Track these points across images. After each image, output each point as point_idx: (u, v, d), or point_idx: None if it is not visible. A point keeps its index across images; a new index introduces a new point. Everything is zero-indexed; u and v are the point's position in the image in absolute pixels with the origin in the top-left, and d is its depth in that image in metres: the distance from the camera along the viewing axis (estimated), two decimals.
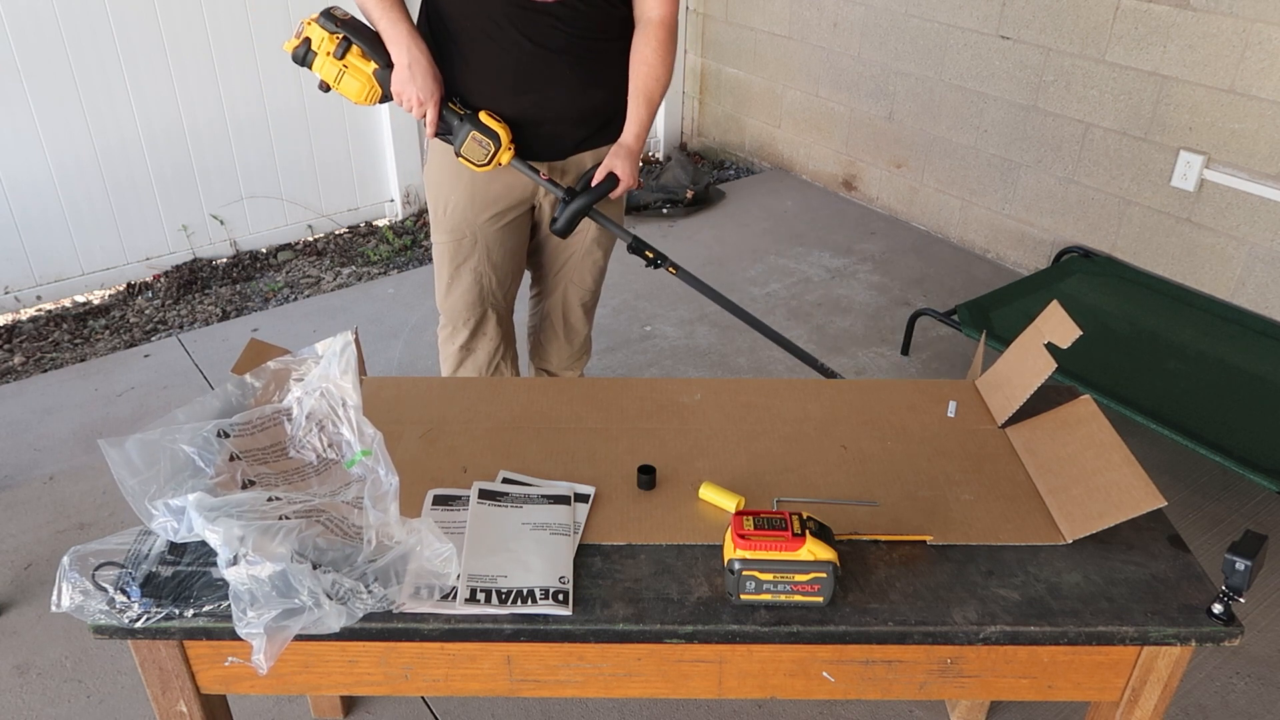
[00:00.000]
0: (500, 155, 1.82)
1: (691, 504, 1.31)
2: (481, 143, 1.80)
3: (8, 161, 3.13)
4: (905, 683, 1.21)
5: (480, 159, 1.81)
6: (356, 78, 1.80)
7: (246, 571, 1.04)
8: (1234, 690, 1.98)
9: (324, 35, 1.77)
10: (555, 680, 1.20)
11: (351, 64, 1.79)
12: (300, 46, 1.79)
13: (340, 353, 1.25)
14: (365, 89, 1.81)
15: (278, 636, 1.04)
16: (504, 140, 1.81)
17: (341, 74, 1.79)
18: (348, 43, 1.77)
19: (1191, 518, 2.40)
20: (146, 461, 1.16)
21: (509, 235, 2.07)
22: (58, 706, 1.93)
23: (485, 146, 1.80)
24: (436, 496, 1.30)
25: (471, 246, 2.04)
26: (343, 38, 1.76)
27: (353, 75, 1.79)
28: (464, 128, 1.80)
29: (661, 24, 1.88)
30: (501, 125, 1.81)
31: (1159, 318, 2.92)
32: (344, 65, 1.78)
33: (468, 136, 1.80)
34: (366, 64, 1.79)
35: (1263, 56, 2.78)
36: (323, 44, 1.77)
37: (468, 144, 1.80)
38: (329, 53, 1.77)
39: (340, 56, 1.77)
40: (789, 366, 3.05)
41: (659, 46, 1.88)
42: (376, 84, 1.80)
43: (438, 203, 2.04)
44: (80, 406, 2.83)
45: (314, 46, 1.78)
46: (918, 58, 3.73)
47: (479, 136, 1.80)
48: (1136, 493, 1.22)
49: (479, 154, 1.81)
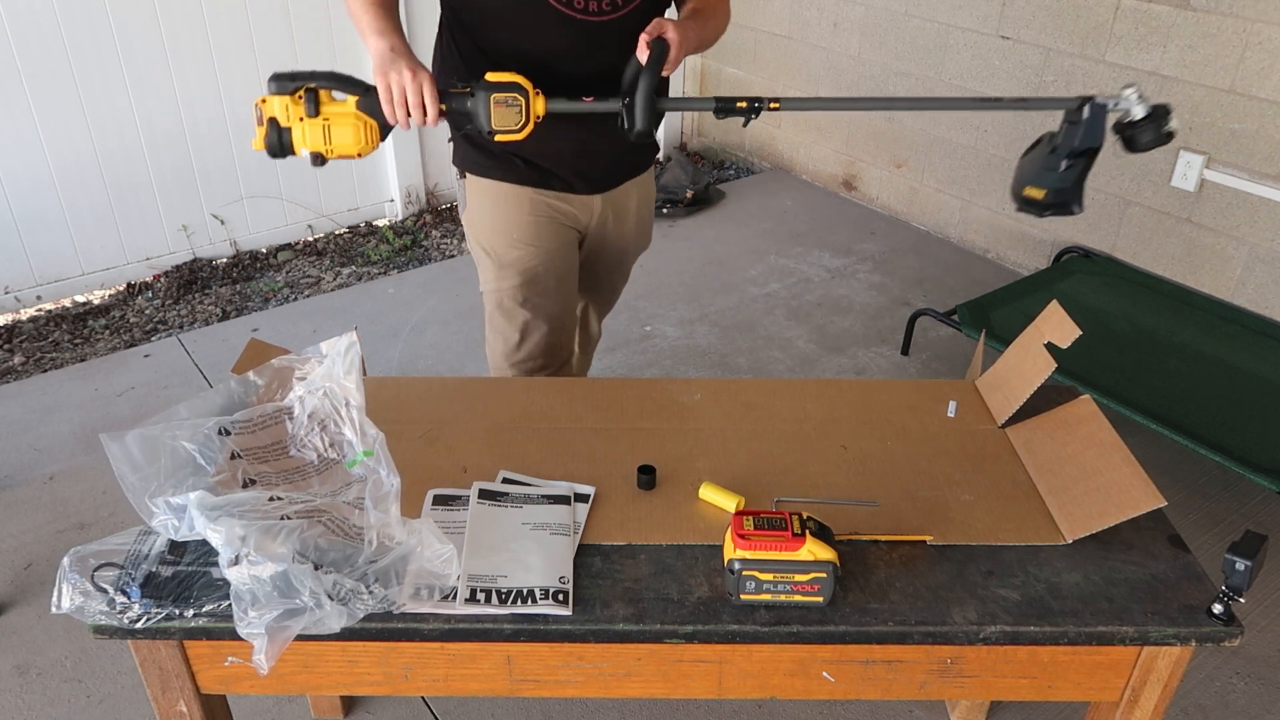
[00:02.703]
0: (534, 106, 1.50)
1: (691, 504, 1.31)
2: (508, 101, 1.48)
3: (8, 161, 3.13)
4: (905, 683, 1.21)
5: (515, 122, 1.50)
6: (343, 124, 1.49)
7: (248, 571, 1.04)
8: (1234, 690, 1.98)
9: (285, 101, 1.46)
10: (555, 680, 1.20)
11: (330, 113, 1.48)
12: (270, 133, 1.47)
13: (344, 353, 1.25)
14: (359, 130, 1.50)
15: (279, 637, 1.04)
16: (528, 87, 1.49)
17: (327, 130, 1.48)
18: (313, 94, 1.46)
19: (1191, 518, 2.40)
20: (147, 457, 1.16)
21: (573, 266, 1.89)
22: (58, 706, 1.93)
23: (514, 104, 1.49)
24: (436, 496, 1.30)
25: (548, 287, 1.83)
26: (305, 90, 1.45)
27: (339, 124, 1.49)
28: (479, 97, 1.49)
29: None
30: (516, 75, 1.50)
31: (1159, 318, 2.92)
32: (324, 120, 1.47)
33: (488, 104, 1.49)
34: (345, 104, 1.49)
35: (1263, 56, 2.78)
36: (289, 111, 1.46)
37: (495, 113, 1.49)
38: (301, 117, 1.46)
39: (314, 113, 1.46)
40: (789, 366, 3.05)
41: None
42: (367, 116, 1.49)
43: (497, 241, 1.81)
44: (80, 406, 2.83)
45: (284, 121, 1.47)
46: (918, 58, 3.73)
47: (501, 97, 1.48)
48: (1136, 493, 1.22)
49: (512, 117, 1.49)
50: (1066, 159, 1.50)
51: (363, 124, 1.49)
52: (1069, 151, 1.50)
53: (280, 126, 1.47)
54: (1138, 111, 1.48)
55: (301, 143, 1.48)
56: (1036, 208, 1.55)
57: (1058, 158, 1.51)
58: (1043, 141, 1.56)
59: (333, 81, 1.47)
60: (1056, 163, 1.51)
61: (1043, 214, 1.56)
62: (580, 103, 1.53)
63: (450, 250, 3.82)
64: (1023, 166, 1.59)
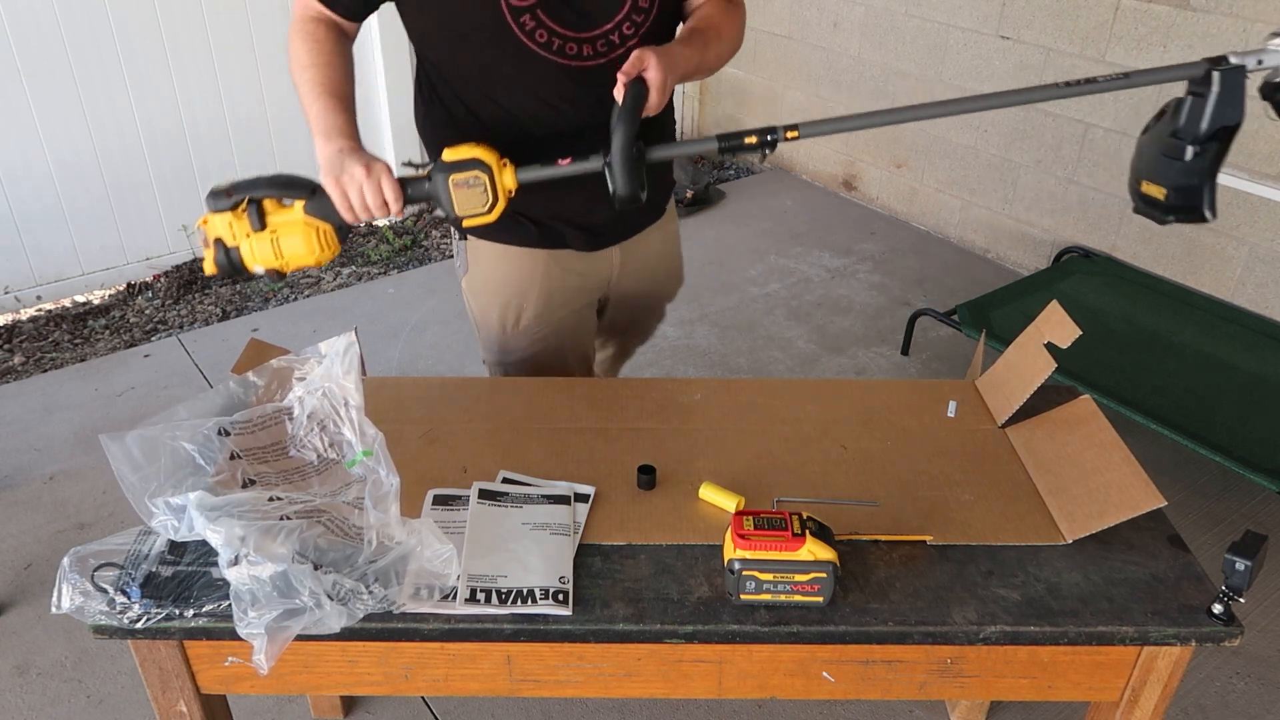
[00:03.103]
0: (501, 180, 1.30)
1: (691, 504, 1.31)
2: (469, 181, 1.29)
3: (8, 160, 3.13)
4: (905, 683, 1.21)
5: (482, 203, 1.31)
6: (293, 232, 1.32)
7: (248, 572, 1.04)
8: (1234, 690, 1.98)
9: (227, 218, 1.31)
10: (555, 680, 1.20)
11: (278, 224, 1.32)
12: (219, 255, 1.32)
13: (343, 353, 1.25)
14: (312, 237, 1.32)
15: (279, 637, 1.04)
16: (492, 161, 1.29)
17: (276, 243, 1.32)
18: (255, 205, 1.31)
19: (1191, 518, 2.40)
20: (147, 458, 1.16)
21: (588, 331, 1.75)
22: (58, 706, 1.93)
23: (476, 184, 1.29)
24: (436, 496, 1.30)
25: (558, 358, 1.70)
26: (246, 202, 1.30)
27: (287, 233, 1.32)
28: (437, 181, 1.30)
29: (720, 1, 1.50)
30: (479, 146, 1.30)
31: (1159, 318, 2.92)
32: (272, 232, 1.31)
33: (448, 188, 1.30)
34: (291, 210, 1.33)
35: None
36: (233, 228, 1.31)
37: (456, 196, 1.30)
38: (248, 233, 1.31)
39: (260, 226, 1.31)
40: (789, 366, 3.05)
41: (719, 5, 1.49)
42: (318, 220, 1.32)
43: (505, 316, 1.65)
44: (80, 406, 2.83)
45: (230, 240, 1.31)
46: (918, 58, 3.73)
47: (460, 178, 1.29)
48: (1136, 493, 1.22)
49: (477, 198, 1.30)
50: (1193, 145, 1.15)
51: (315, 230, 1.33)
52: (1196, 135, 1.14)
53: (227, 246, 1.32)
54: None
55: (253, 258, 1.32)
56: (1157, 210, 1.20)
57: (1181, 143, 1.15)
58: (1166, 114, 1.21)
59: (274, 189, 1.32)
60: (1180, 149, 1.15)
61: (1165, 219, 1.20)
62: (556, 167, 1.32)
63: (450, 250, 3.82)
64: (1141, 150, 1.22)
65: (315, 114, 1.38)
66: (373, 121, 3.84)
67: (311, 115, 1.38)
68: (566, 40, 1.40)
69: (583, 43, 1.41)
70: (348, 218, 1.32)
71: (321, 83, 1.39)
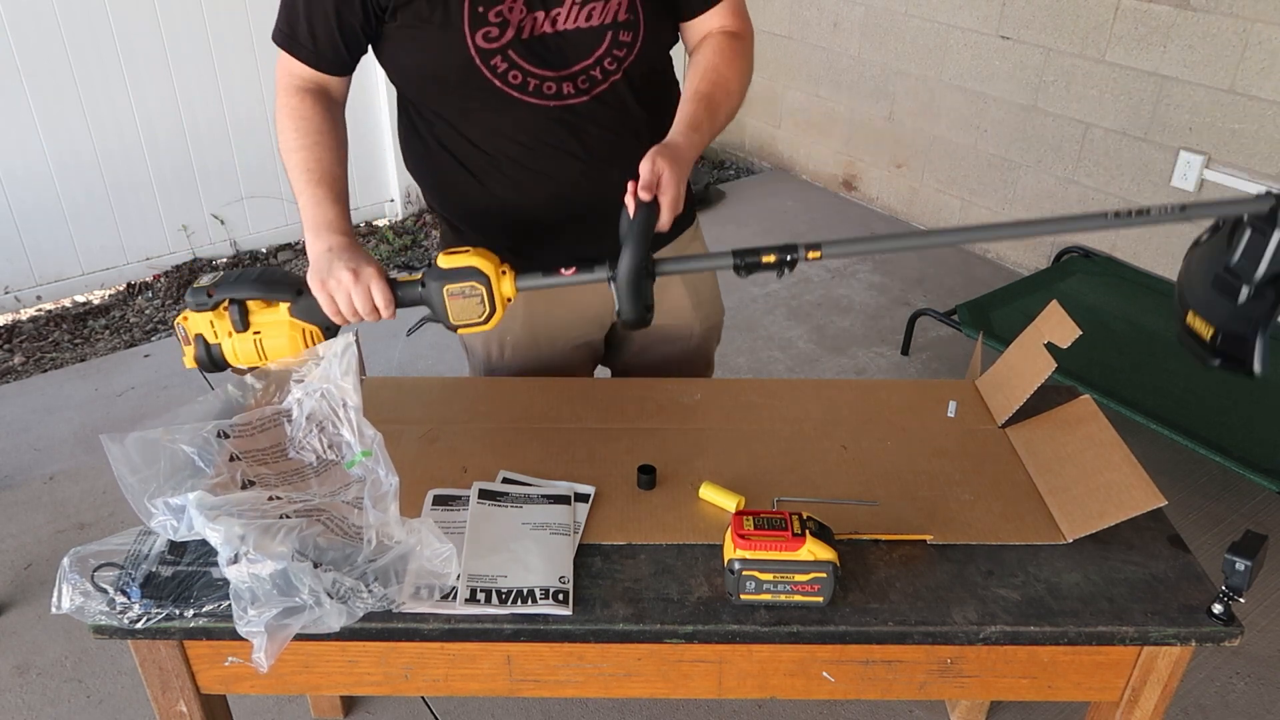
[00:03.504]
0: (499, 290, 1.25)
1: (692, 504, 1.31)
2: (466, 292, 1.24)
3: (8, 160, 3.13)
4: (905, 683, 1.21)
5: (479, 313, 1.26)
6: (278, 334, 1.29)
7: (247, 570, 1.04)
8: (1234, 690, 1.99)
9: (208, 317, 1.28)
10: (555, 680, 1.20)
11: (262, 324, 1.29)
12: (199, 350, 1.30)
13: (341, 354, 1.25)
14: (298, 338, 1.30)
15: (278, 635, 1.04)
16: (490, 270, 1.23)
17: (260, 344, 1.29)
18: (238, 305, 1.27)
19: (1191, 518, 2.40)
20: (146, 460, 1.16)
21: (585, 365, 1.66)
22: (58, 706, 1.93)
23: (473, 294, 1.24)
24: (436, 496, 1.30)
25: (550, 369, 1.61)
26: (227, 303, 1.27)
27: (272, 334, 1.29)
28: (431, 289, 1.25)
29: (723, 33, 1.41)
30: (477, 253, 1.24)
31: (1159, 318, 2.92)
32: (255, 333, 1.29)
33: (443, 297, 1.25)
34: (274, 309, 1.29)
35: (1263, 56, 2.78)
36: (215, 326, 1.28)
37: (451, 306, 1.25)
38: (229, 332, 1.28)
39: (243, 326, 1.28)
40: (789, 366, 3.05)
41: (724, 51, 1.39)
42: (304, 322, 1.29)
43: (489, 344, 1.59)
44: (80, 406, 2.83)
45: (211, 338, 1.29)
46: (918, 58, 3.73)
47: (456, 288, 1.24)
48: (1137, 492, 1.22)
49: (473, 309, 1.25)
50: (1248, 286, 1.01)
51: (301, 331, 1.29)
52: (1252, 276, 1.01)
53: (208, 343, 1.30)
54: None
55: (233, 358, 1.30)
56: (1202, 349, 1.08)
57: (1237, 282, 1.02)
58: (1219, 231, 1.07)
59: (258, 290, 1.28)
60: (1234, 289, 1.02)
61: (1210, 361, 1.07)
62: (558, 276, 1.26)
63: None
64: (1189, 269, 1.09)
65: (304, 205, 1.33)
66: (374, 122, 3.84)
67: (301, 205, 1.34)
68: (544, 80, 1.34)
69: (561, 80, 1.35)
70: (336, 320, 1.28)
71: (310, 168, 1.34)
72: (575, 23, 1.32)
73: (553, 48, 1.33)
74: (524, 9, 1.30)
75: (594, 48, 1.34)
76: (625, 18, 1.33)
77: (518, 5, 1.29)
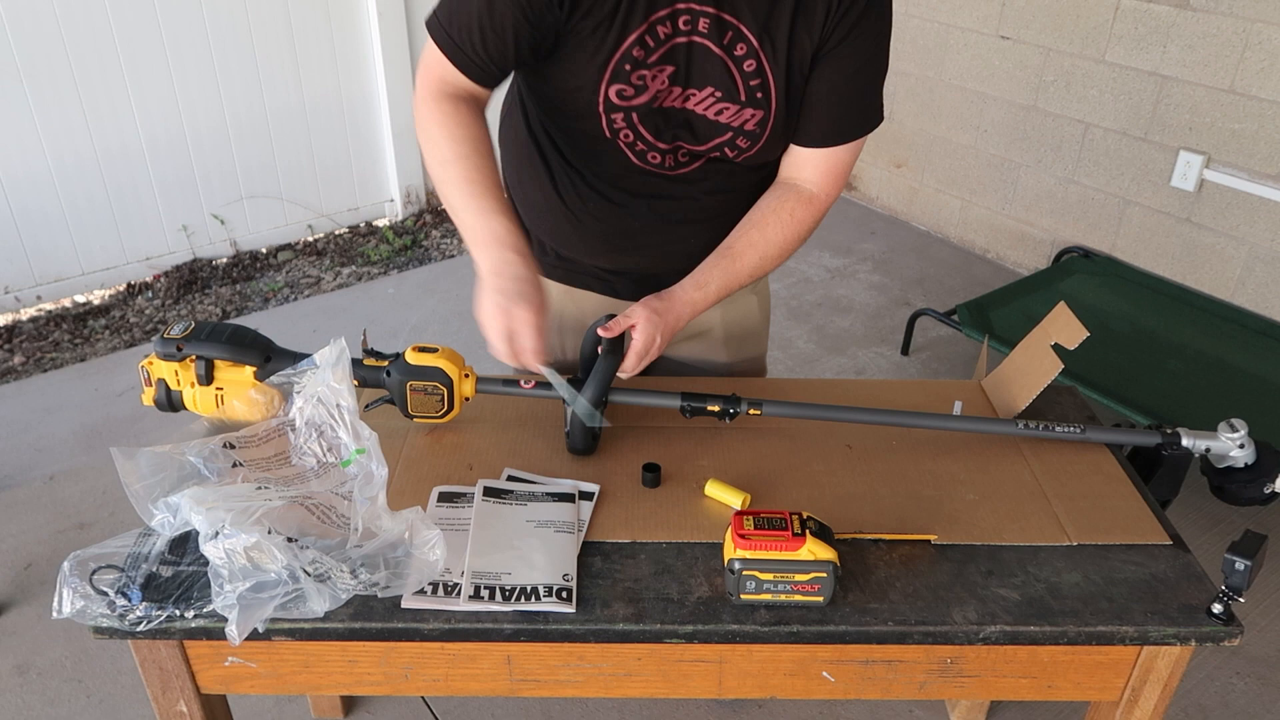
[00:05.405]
0: (459, 391, 1.36)
1: (695, 502, 1.31)
2: (428, 390, 1.34)
3: (8, 161, 3.13)
4: (905, 683, 1.21)
5: (436, 409, 1.36)
6: (240, 394, 1.35)
7: (224, 545, 1.05)
8: (1234, 690, 1.99)
9: (174, 366, 1.33)
10: (555, 680, 1.20)
11: (226, 381, 1.33)
12: (159, 394, 1.34)
13: (335, 361, 1.26)
14: (259, 402, 1.35)
15: (253, 610, 1.04)
16: (454, 374, 1.34)
17: (220, 399, 1.34)
18: (205, 362, 1.31)
19: (1191, 518, 2.40)
20: (154, 471, 1.19)
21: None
22: (58, 706, 1.93)
23: (435, 392, 1.34)
24: (441, 494, 1.30)
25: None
26: (195, 359, 1.32)
27: (234, 394, 1.34)
28: (395, 378, 1.34)
29: (803, 188, 1.41)
30: (445, 354, 1.33)
31: (1159, 318, 2.92)
32: (218, 389, 1.33)
33: (404, 389, 1.34)
34: (239, 369, 1.33)
35: (1263, 56, 2.78)
36: (179, 375, 1.33)
37: (413, 399, 1.35)
38: (193, 383, 1.33)
39: (207, 380, 1.32)
40: (789, 366, 3.05)
41: (786, 214, 1.40)
42: (269, 388, 1.35)
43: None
44: (80, 406, 2.83)
45: (173, 385, 1.34)
46: (918, 58, 3.73)
47: (419, 384, 1.34)
48: (1144, 525, 1.27)
49: (433, 405, 1.36)
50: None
51: (267, 396, 1.35)
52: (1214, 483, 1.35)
53: (170, 388, 1.34)
54: (1238, 457, 1.31)
55: (193, 406, 1.35)
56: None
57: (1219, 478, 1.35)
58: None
59: (227, 352, 1.32)
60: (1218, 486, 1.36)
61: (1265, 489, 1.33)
62: (517, 388, 1.37)
63: (450, 250, 3.82)
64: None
65: (467, 219, 1.28)
66: (374, 122, 3.84)
67: (462, 219, 1.29)
68: (651, 148, 1.35)
69: (666, 154, 1.36)
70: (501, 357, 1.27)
71: (471, 179, 1.29)
72: (706, 112, 1.31)
73: (676, 122, 1.32)
74: (667, 82, 1.28)
75: (711, 138, 1.35)
76: (751, 129, 1.33)
77: (662, 77, 1.28)
